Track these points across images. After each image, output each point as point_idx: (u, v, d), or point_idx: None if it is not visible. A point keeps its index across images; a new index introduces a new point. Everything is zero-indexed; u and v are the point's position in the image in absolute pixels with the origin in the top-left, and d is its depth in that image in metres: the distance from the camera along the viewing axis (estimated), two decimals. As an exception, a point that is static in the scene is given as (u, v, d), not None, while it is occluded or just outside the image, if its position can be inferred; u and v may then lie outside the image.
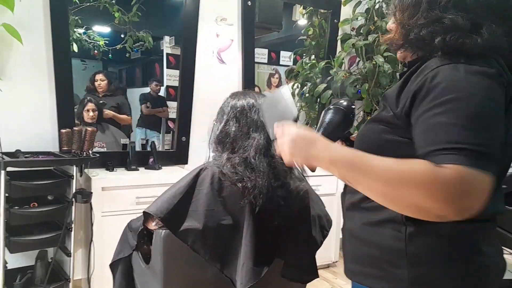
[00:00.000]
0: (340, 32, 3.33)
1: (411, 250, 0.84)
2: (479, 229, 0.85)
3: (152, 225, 1.38)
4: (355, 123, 3.09)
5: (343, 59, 3.14)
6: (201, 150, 1.38)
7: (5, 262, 2.01)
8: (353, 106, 1.11)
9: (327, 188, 2.85)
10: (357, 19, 3.23)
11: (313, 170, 0.92)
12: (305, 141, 0.84)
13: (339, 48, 3.33)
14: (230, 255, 1.24)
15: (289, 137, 0.86)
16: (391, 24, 0.96)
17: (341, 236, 1.32)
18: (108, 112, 3.21)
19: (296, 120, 0.99)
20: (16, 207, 2.01)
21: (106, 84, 3.27)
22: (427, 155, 0.72)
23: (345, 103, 1.09)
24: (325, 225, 1.42)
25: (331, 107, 1.08)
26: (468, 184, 0.67)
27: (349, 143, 1.19)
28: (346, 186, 1.02)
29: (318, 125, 1.07)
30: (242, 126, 1.28)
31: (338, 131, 1.07)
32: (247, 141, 1.25)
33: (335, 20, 3.33)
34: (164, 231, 1.26)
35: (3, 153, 1.94)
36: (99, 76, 3.29)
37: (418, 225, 0.83)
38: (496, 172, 0.70)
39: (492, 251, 0.88)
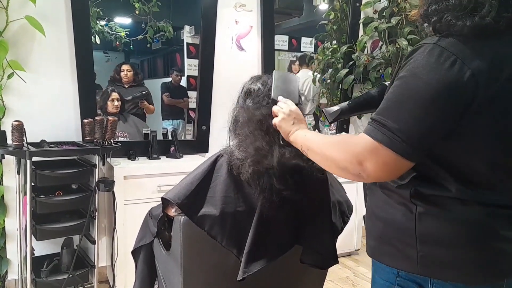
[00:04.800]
0: (362, 15, 3.25)
1: (421, 229, 0.85)
2: (497, 214, 0.82)
3: (172, 212, 1.38)
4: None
5: (365, 43, 3.06)
6: (221, 139, 1.36)
7: (32, 250, 2.07)
8: None
9: (349, 175, 2.81)
10: (379, 1, 3.13)
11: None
12: (294, 119, 1.09)
13: (361, 32, 3.25)
14: (246, 242, 1.22)
15: (287, 111, 1.11)
16: None
17: (363, 224, 1.31)
18: (145, 103, 3.28)
19: (297, 103, 1.17)
20: (42, 196, 2.06)
21: (132, 75, 3.33)
22: None
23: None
24: (345, 211, 1.39)
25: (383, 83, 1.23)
26: (370, 154, 0.79)
27: None
28: None
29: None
30: (250, 110, 1.24)
31: (367, 104, 1.20)
32: (256, 126, 1.21)
33: (356, 3, 3.24)
34: (183, 217, 1.26)
35: (29, 144, 1.98)
36: (126, 67, 3.35)
37: (426, 206, 0.84)
38: (407, 155, 0.77)
39: None
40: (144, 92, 3.31)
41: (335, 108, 1.23)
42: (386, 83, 1.21)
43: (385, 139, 0.78)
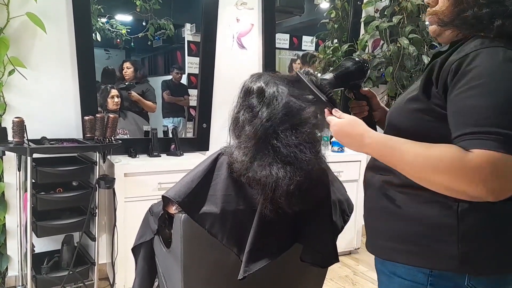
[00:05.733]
0: (363, 14, 3.25)
1: (463, 226, 0.85)
2: None
3: (172, 209, 1.38)
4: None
5: (366, 42, 3.06)
6: (222, 136, 1.36)
7: (32, 246, 2.07)
8: (366, 64, 1.25)
9: (349, 174, 2.82)
10: (381, 0, 3.13)
11: None
12: (345, 139, 0.99)
13: (362, 30, 3.25)
14: (247, 240, 1.22)
15: (333, 132, 1.02)
16: None
17: (363, 223, 1.30)
18: (134, 95, 3.26)
19: (329, 100, 1.07)
20: (42, 193, 2.07)
21: (132, 71, 3.36)
22: (457, 139, 0.77)
23: (360, 57, 1.26)
24: (346, 210, 1.38)
25: (349, 57, 1.25)
26: (495, 167, 0.71)
27: (358, 94, 1.27)
28: (374, 163, 1.02)
29: (334, 67, 1.25)
30: (251, 111, 1.22)
31: (348, 77, 1.23)
32: (253, 128, 1.18)
33: (358, 2, 3.24)
34: (183, 215, 1.26)
35: (29, 140, 1.98)
36: (126, 64, 3.39)
37: (471, 202, 0.83)
38: None
39: None
40: (127, 84, 3.31)
41: (323, 79, 1.19)
42: (355, 57, 1.25)
43: (509, 147, 0.72)
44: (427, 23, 2.96)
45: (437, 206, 0.86)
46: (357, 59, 1.24)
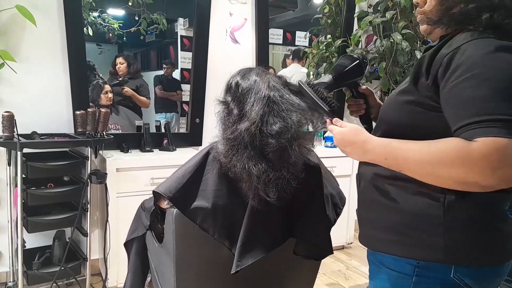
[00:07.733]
0: (357, 10, 3.24)
1: (449, 218, 0.86)
2: (506, 198, 0.88)
3: (164, 204, 1.38)
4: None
5: (360, 37, 3.05)
6: (215, 132, 1.34)
7: (23, 242, 2.05)
8: (365, 60, 1.24)
9: (342, 169, 2.82)
10: (374, -5, 3.12)
11: None
12: (348, 147, 0.98)
13: (355, 26, 3.24)
14: (238, 235, 1.22)
15: (336, 141, 1.01)
16: None
17: (356, 218, 1.30)
18: (127, 90, 3.22)
19: (331, 109, 1.08)
20: (33, 188, 2.04)
21: (125, 67, 3.31)
22: (459, 131, 0.76)
23: (358, 54, 1.25)
24: (338, 203, 1.39)
25: (346, 55, 1.24)
26: (503, 153, 0.70)
27: (356, 92, 1.27)
28: None
29: (333, 67, 1.24)
30: (227, 107, 1.22)
31: (347, 76, 1.22)
32: (234, 123, 1.17)
33: (351, -3, 3.23)
34: (175, 210, 1.25)
35: (20, 135, 1.96)
36: (119, 60, 3.34)
37: (457, 193, 0.85)
38: None
39: None
40: (120, 79, 3.27)
41: (322, 83, 1.20)
42: (353, 54, 1.25)
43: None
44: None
45: (425, 197, 0.88)
46: (355, 56, 1.23)
